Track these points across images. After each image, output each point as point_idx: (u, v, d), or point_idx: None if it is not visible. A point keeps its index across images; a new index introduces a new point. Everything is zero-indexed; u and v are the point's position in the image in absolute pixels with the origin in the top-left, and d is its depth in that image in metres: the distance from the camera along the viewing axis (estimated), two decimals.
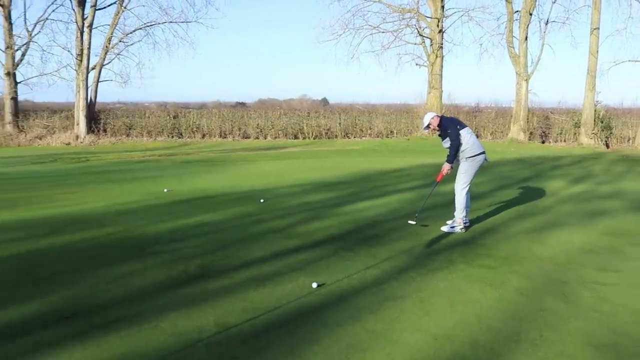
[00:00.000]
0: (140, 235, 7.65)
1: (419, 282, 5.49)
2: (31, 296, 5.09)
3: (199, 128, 34.76)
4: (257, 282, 5.44)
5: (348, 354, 3.85)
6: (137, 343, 4.03)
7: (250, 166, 17.98)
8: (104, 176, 15.70)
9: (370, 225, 8.23)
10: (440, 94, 33.50)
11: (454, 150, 7.74)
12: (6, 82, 35.53)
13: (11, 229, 8.01)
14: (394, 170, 16.24)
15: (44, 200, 10.75)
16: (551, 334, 4.24)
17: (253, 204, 9.99)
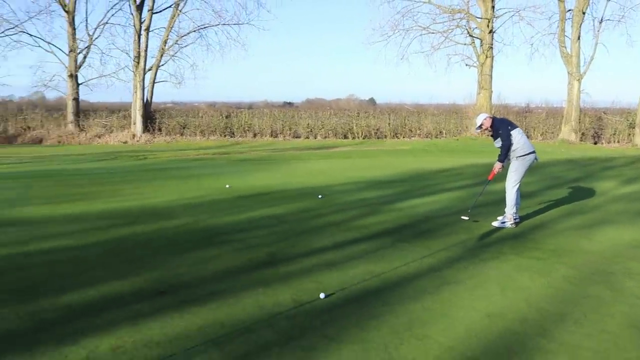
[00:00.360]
0: (209, 226, 8.34)
1: (472, 270, 5.97)
2: (125, 275, 5.79)
3: (250, 127, 35.65)
4: (324, 267, 6.02)
5: (409, 327, 4.38)
6: (224, 314, 4.65)
7: (304, 164, 18.63)
8: (166, 173, 16.59)
9: (423, 220, 8.71)
10: (489, 94, 33.47)
11: (505, 150, 8.15)
12: (69, 83, 37.27)
13: (93, 219, 8.81)
14: (445, 169, 16.60)
15: (115, 194, 11.61)
16: (595, 315, 4.67)
17: (311, 200, 10.60)
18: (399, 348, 3.98)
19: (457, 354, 3.88)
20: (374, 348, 3.97)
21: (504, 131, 8.21)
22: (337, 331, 4.28)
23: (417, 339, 4.14)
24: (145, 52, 35.63)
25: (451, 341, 4.10)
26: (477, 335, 4.21)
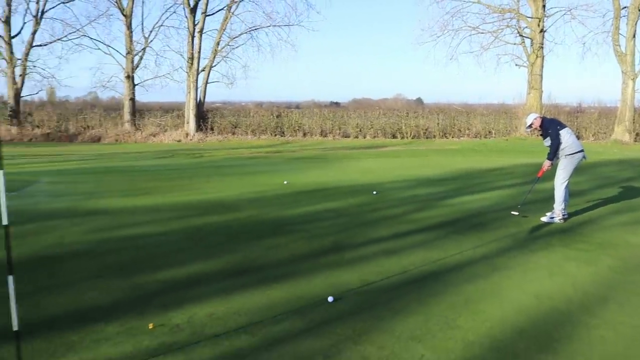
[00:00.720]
0: (274, 217, 9.03)
1: (521, 258, 6.47)
2: (207, 257, 6.52)
3: (300, 127, 36.40)
4: (385, 254, 6.62)
5: (465, 304, 4.94)
6: (300, 290, 5.30)
7: (355, 163, 19.23)
8: (224, 170, 17.46)
9: (475, 215, 9.21)
10: (540, 94, 33.35)
11: (554, 149, 8.57)
12: (126, 84, 38.87)
13: (167, 210, 9.62)
14: (494, 168, 16.94)
15: (181, 189, 12.45)
16: (637, 299, 5.12)
17: (366, 195, 11.20)
18: (456, 319, 4.55)
19: (508, 326, 4.42)
20: (435, 319, 4.56)
21: (553, 130, 8.62)
22: (401, 305, 4.88)
23: (472, 313, 4.70)
24: (199, 54, 36.84)
25: (503, 316, 4.65)
26: (526, 312, 4.74)
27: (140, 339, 4.18)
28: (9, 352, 3.89)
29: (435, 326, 4.41)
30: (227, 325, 4.43)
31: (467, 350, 3.97)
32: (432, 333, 4.27)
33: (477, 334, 4.25)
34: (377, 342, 4.10)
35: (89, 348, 4.04)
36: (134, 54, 39.11)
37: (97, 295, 5.19)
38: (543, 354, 3.91)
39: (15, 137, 35.71)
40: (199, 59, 36.91)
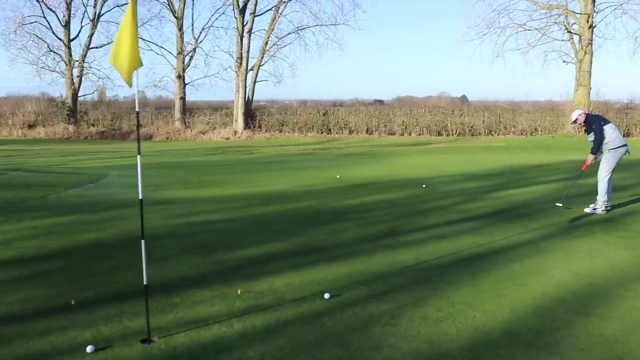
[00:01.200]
0: (331, 207, 9.75)
1: (564, 243, 7.02)
2: (275, 240, 7.28)
3: (346, 125, 37.06)
4: (437, 238, 7.27)
5: (511, 278, 5.55)
6: (362, 267, 5.99)
7: (403, 159, 19.83)
8: (276, 165, 18.31)
9: (520, 206, 9.73)
10: (588, 91, 33.17)
11: (597, 143, 9.02)
12: (177, 83, 40.31)
13: (231, 200, 10.45)
14: (540, 164, 17.29)
15: (240, 182, 13.32)
16: None
17: (416, 189, 11.82)
18: (503, 290, 5.17)
19: (550, 297, 5.01)
20: (484, 290, 5.19)
21: (596, 126, 9.05)
22: (453, 279, 5.53)
23: (517, 285, 5.32)
24: (247, 53, 37.91)
25: (544, 288, 5.25)
26: (566, 286, 5.33)
27: (231, 301, 4.94)
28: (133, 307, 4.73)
29: (484, 295, 5.04)
30: (303, 292, 5.15)
31: (512, 314, 4.59)
32: (482, 300, 4.91)
33: (521, 302, 4.87)
34: (434, 305, 4.77)
35: (189, 308, 4.82)
36: (185, 54, 40.51)
37: (186, 269, 5.99)
38: (578, 317, 4.50)
39: (72, 135, 37.56)
40: (247, 59, 37.98)
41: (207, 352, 3.92)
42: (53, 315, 4.60)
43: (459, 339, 4.10)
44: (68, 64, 40.11)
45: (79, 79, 40.74)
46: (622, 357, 3.79)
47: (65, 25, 39.69)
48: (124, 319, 4.55)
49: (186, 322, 4.48)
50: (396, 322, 4.42)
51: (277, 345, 4.00)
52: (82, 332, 4.28)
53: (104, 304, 4.88)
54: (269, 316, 4.58)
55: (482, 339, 4.09)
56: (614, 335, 4.15)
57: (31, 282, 5.55)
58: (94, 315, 4.61)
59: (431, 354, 3.84)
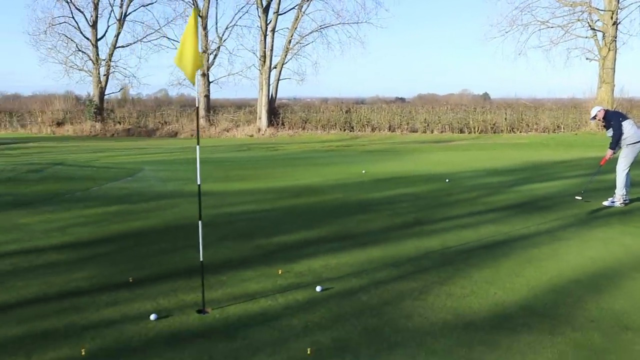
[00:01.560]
0: (359, 199, 10.24)
1: (581, 232, 7.44)
2: (309, 228, 7.81)
3: (369, 122, 37.43)
4: (461, 227, 7.74)
5: (529, 261, 6.01)
6: (392, 251, 6.49)
7: (426, 155, 20.24)
8: (302, 161, 18.83)
9: (541, 199, 10.13)
10: (611, 88, 33.09)
11: (616, 139, 9.38)
12: (201, 81, 40.92)
13: (262, 193, 11.01)
14: (562, 161, 17.58)
15: (268, 176, 13.87)
16: None
17: (440, 183, 12.27)
18: (522, 271, 5.65)
19: (564, 277, 5.47)
20: (504, 271, 5.67)
21: (615, 122, 9.41)
22: (476, 261, 6.01)
23: (535, 268, 5.78)
24: (271, 52, 38.46)
25: (560, 271, 5.70)
26: (581, 269, 5.77)
27: (274, 279, 5.47)
28: (186, 284, 5.29)
29: (504, 275, 5.51)
30: (339, 273, 5.67)
31: (529, 292, 5.06)
32: (502, 279, 5.38)
33: (538, 281, 5.34)
34: (458, 284, 5.26)
35: (236, 285, 5.35)
36: (209, 52, 41.16)
37: (228, 253, 6.54)
38: (590, 295, 4.96)
39: (99, 133, 38.45)
40: (271, 57, 38.52)
41: (256, 320, 4.45)
42: (117, 290, 5.18)
43: (481, 311, 4.58)
44: (95, 62, 41.02)
45: (105, 78, 41.64)
46: (628, 326, 4.24)
47: (93, 25, 40.56)
48: (179, 293, 5.11)
49: (235, 296, 5.01)
50: (424, 297, 4.92)
51: (319, 315, 4.52)
52: (144, 303, 4.84)
53: (159, 281, 5.45)
54: (309, 292, 5.10)
55: (501, 312, 4.57)
56: (622, 309, 4.60)
57: (91, 262, 6.14)
58: (152, 290, 5.18)
59: (457, 324, 4.32)
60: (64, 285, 5.36)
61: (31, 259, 6.27)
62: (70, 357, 3.81)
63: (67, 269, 5.86)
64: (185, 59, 4.47)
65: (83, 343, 4.00)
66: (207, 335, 4.19)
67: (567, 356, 3.74)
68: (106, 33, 41.70)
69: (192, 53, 4.45)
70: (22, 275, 5.67)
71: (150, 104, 46.03)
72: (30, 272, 5.78)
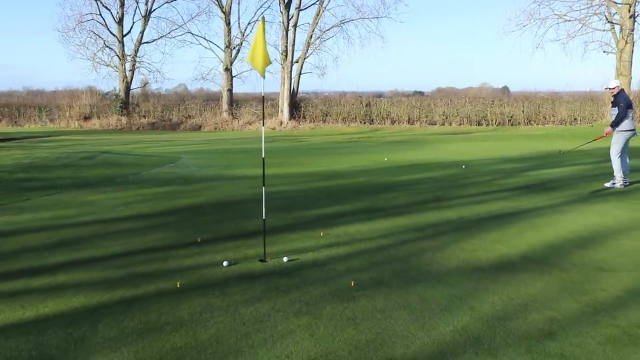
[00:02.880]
0: (383, 182, 11.34)
1: (580, 206, 8.50)
2: (342, 203, 8.94)
3: (388, 115, 38.42)
4: (475, 203, 8.83)
5: (530, 227, 7.10)
6: (414, 221, 7.59)
7: (445, 146, 21.27)
8: (325, 151, 19.96)
9: (548, 182, 11.16)
10: (629, 80, 33.61)
11: (618, 120, 10.37)
12: (224, 76, 42.15)
13: (294, 177, 12.15)
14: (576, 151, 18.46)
15: (297, 164, 15.01)
16: None
17: (457, 169, 13.34)
18: (523, 233, 6.76)
19: (560, 237, 6.56)
20: (509, 233, 6.78)
21: (623, 104, 10.34)
22: (486, 227, 7.12)
23: (536, 232, 6.87)
24: (293, 47, 39.51)
25: (556, 234, 6.80)
26: (576, 232, 6.85)
27: (316, 240, 6.61)
28: (245, 242, 6.45)
29: (509, 237, 6.62)
30: (371, 235, 6.81)
31: (529, 247, 6.15)
32: (507, 240, 6.48)
33: (537, 241, 6.44)
34: (470, 243, 6.37)
35: (287, 243, 6.50)
36: (232, 47, 42.33)
37: (274, 222, 7.65)
38: (579, 249, 6.06)
39: (125, 126, 39.81)
40: (292, 52, 39.57)
41: (308, 265, 5.59)
42: (188, 247, 6.35)
43: (487, 260, 5.68)
44: (121, 58, 42.39)
45: (131, 73, 43.02)
46: (603, 269, 5.33)
47: (119, 22, 41.94)
48: (242, 249, 6.27)
49: (286, 251, 6.15)
50: (442, 251, 6.04)
51: (357, 263, 5.65)
52: (214, 255, 6.00)
53: (222, 241, 6.61)
54: (348, 248, 6.24)
55: (505, 261, 5.67)
56: (602, 258, 5.71)
57: (160, 228, 7.33)
58: (218, 247, 6.34)
59: (467, 268, 5.43)
60: (142, 245, 6.51)
61: (107, 227, 7.45)
62: (169, 289, 4.96)
63: (140, 234, 7.02)
64: (257, 58, 5.63)
65: (175, 280, 5.15)
66: (271, 274, 5.32)
67: (552, 286, 4.83)
68: (132, 29, 43.11)
69: (262, 53, 5.61)
70: (104, 237, 6.85)
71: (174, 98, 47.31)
72: (109, 235, 6.96)
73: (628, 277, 5.12)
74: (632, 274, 5.21)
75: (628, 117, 10.46)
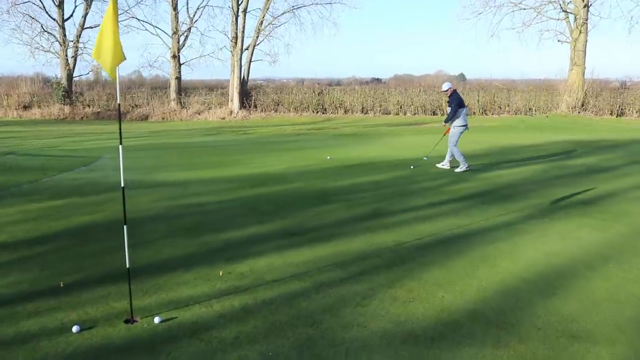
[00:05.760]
0: (320, 189, 9.95)
1: (540, 225, 7.24)
2: (262, 222, 7.49)
3: (342, 104, 37.09)
4: (418, 220, 7.49)
5: (483, 259, 5.78)
6: (343, 248, 6.22)
7: (396, 139, 20.01)
8: (270, 146, 18.47)
9: (504, 188, 9.94)
10: (582, 70, 33.21)
11: (450, 116, 12.00)
12: (172, 63, 40.14)
13: (223, 182, 10.64)
14: (530, 145, 17.46)
15: (233, 163, 13.51)
16: (638, 259, 5.85)
17: (405, 170, 12.05)
18: (474, 271, 5.41)
19: (517, 277, 5.26)
20: (456, 271, 5.43)
21: (455, 105, 11.81)
22: (428, 260, 5.76)
23: (489, 266, 5.55)
24: (243, 33, 37.75)
25: (514, 268, 5.49)
26: (535, 266, 5.56)
27: (213, 283, 5.17)
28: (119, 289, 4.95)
29: (455, 276, 5.28)
30: (283, 274, 5.38)
31: (479, 294, 4.83)
32: (453, 281, 5.14)
33: (490, 282, 5.11)
34: (406, 286, 5.01)
35: (173, 289, 5.04)
36: (180, 34, 40.28)
37: (172, 251, 6.21)
38: (541, 297, 4.75)
39: (68, 116, 37.51)
40: (242, 38, 37.82)
41: (186, 331, 4.15)
42: (42, 297, 4.84)
43: (425, 318, 4.33)
44: (62, 44, 39.85)
45: (73, 59, 40.52)
46: (575, 335, 4.03)
47: (59, 5, 39.33)
48: (110, 300, 4.79)
49: (169, 302, 4.71)
50: (367, 302, 4.66)
51: (252, 325, 4.24)
52: (70, 313, 4.52)
53: (92, 286, 5.11)
54: (247, 297, 4.81)
55: (447, 318, 4.33)
56: (571, 314, 4.39)
57: (21, 265, 5.77)
58: (82, 297, 4.85)
59: (396, 333, 4.08)
60: None
61: None
62: None
63: None
64: (104, 53, 4.08)
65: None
66: (130, 350, 3.89)
67: None
68: (73, 13, 40.58)
69: (112, 45, 4.06)
70: None
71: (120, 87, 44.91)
72: None
73: (609, 352, 3.84)
74: (616, 347, 3.93)
75: (460, 115, 11.86)
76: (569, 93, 32.87)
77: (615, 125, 28.05)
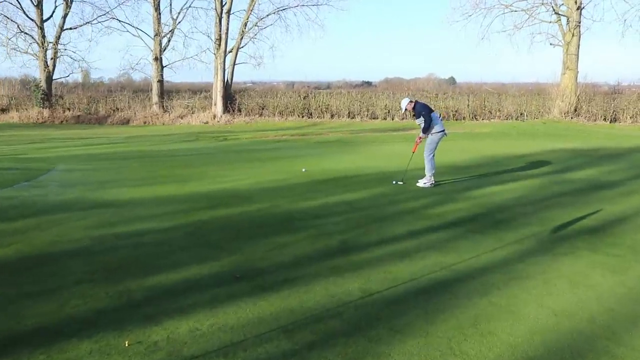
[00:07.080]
0: (285, 211, 8.62)
1: (543, 265, 5.93)
2: (204, 259, 6.14)
3: (328, 108, 35.80)
4: (395, 257, 6.15)
5: (474, 322, 4.45)
6: (295, 302, 4.89)
7: (381, 147, 18.70)
8: (246, 155, 17.13)
9: (497, 210, 8.65)
10: (575, 74, 32.17)
11: (426, 126, 10.72)
12: (154, 66, 38.78)
13: (178, 202, 9.29)
14: (524, 154, 16.21)
15: (199, 176, 12.17)
16: None
17: (387, 185, 10.75)
18: (461, 344, 4.07)
19: (520, 353, 3.93)
20: (437, 342, 4.09)
21: (425, 112, 10.68)
22: (403, 323, 4.41)
23: (481, 335, 4.21)
24: (226, 35, 36.43)
25: (515, 339, 4.15)
26: (542, 334, 4.23)
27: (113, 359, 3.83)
28: None
29: (436, 352, 3.94)
30: (207, 346, 4.04)
31: None
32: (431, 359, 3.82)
33: None
34: None
35: None
36: (162, 35, 38.93)
37: (79, 304, 4.85)
38: None
39: (47, 120, 36.05)
40: (226, 40, 36.52)
41: None
42: None
43: None
44: (41, 45, 38.32)
45: (53, 61, 38.98)
46: None
47: (38, 5, 37.81)
48: None
49: None
50: None
51: None
52: None
53: None
54: None
55: None
56: None
57: None
58: None
59: None
60: None
61: None
62: None
63: None
64: None
65: None
66: None
67: None
68: (53, 14, 39.04)
69: None
70: None
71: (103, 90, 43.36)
72: None
73: None
74: None
75: (435, 121, 10.78)
76: (561, 98, 31.74)
77: (609, 131, 26.91)
